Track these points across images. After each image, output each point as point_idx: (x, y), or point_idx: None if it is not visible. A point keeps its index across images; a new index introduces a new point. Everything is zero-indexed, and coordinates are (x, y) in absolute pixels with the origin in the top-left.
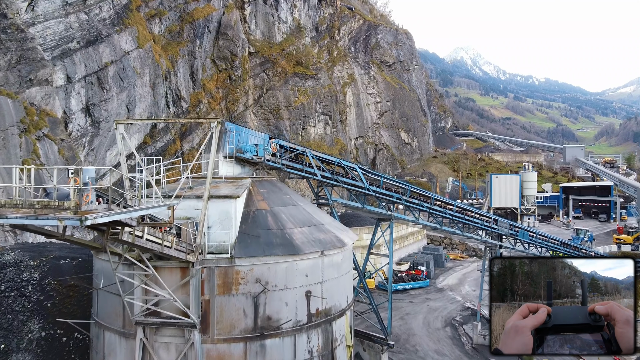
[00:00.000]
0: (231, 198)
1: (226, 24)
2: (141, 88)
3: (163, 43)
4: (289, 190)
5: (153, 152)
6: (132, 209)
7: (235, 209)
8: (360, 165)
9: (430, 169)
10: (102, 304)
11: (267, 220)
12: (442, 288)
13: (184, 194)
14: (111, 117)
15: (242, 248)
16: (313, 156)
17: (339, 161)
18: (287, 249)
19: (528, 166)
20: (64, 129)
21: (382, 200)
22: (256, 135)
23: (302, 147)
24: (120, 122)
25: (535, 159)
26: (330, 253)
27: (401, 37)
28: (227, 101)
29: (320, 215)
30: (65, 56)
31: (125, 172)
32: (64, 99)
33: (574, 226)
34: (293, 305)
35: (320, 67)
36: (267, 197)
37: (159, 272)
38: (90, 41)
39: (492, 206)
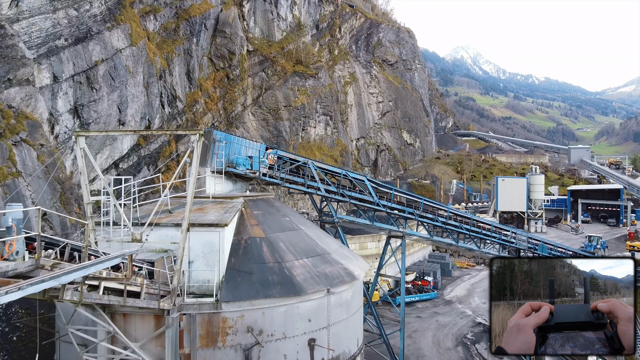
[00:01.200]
0: (217, 227)
1: (224, 21)
2: (134, 88)
3: (158, 41)
4: (288, 210)
5: (147, 154)
6: (61, 273)
7: (222, 240)
8: (368, 178)
9: (433, 171)
10: (64, 354)
11: (262, 251)
12: (450, 300)
13: (157, 220)
14: (101, 119)
15: (230, 289)
16: (316, 168)
17: (345, 173)
18: (286, 289)
19: (535, 169)
20: (50, 132)
21: (393, 216)
22: (250, 146)
23: (303, 157)
24: (80, 135)
25: (540, 160)
26: (338, 290)
27: (403, 35)
28: (225, 101)
29: (326, 240)
30: (51, 54)
31: (86, 196)
32: (49, 100)
33: (582, 230)
34: (293, 358)
35: (320, 66)
36: (262, 220)
37: (127, 320)
38: (79, 38)
39: (498, 210)
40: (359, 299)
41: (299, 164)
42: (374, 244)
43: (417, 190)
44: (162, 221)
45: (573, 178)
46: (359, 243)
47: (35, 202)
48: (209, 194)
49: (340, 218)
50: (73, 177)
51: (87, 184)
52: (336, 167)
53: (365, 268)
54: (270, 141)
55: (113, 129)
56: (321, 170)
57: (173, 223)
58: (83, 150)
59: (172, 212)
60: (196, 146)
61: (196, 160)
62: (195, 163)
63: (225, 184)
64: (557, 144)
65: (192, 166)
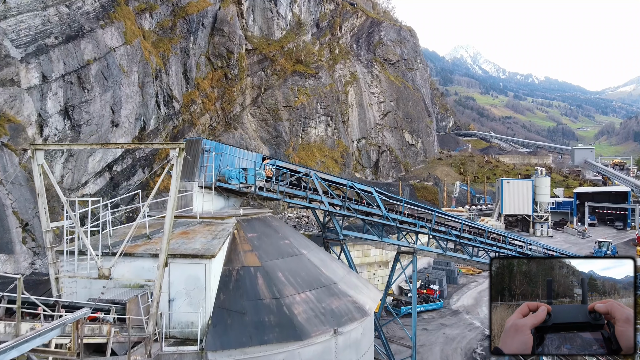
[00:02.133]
0: (203, 258)
1: (222, 20)
2: (128, 88)
3: (154, 39)
4: (287, 231)
5: (142, 156)
6: None
7: (209, 274)
8: (377, 189)
9: (435, 172)
10: None
11: (257, 284)
12: (457, 310)
13: (131, 249)
14: (93, 120)
15: (218, 334)
16: (319, 179)
17: (351, 184)
18: (285, 332)
19: (541, 171)
20: (39, 134)
21: (403, 230)
22: (245, 157)
23: (304, 168)
24: (38, 148)
25: (543, 161)
26: (346, 330)
27: (405, 34)
28: (223, 101)
29: (331, 267)
30: (41, 53)
31: (45, 222)
32: (38, 101)
33: (590, 234)
34: None
35: (321, 65)
36: (257, 245)
37: None
38: (70, 37)
39: (503, 213)
40: (370, 336)
41: (300, 175)
42: (377, 251)
43: (419, 192)
44: (138, 250)
45: (578, 179)
46: (362, 250)
47: (15, 212)
48: (196, 213)
49: (346, 235)
50: (63, 180)
51: (46, 207)
52: (341, 177)
53: (377, 298)
54: (270, 142)
55: (106, 130)
56: (325, 182)
57: (150, 253)
58: (42, 166)
59: (151, 237)
60: (176, 163)
61: (176, 179)
62: (174, 183)
63: (215, 200)
64: (557, 144)
65: (172, 187)
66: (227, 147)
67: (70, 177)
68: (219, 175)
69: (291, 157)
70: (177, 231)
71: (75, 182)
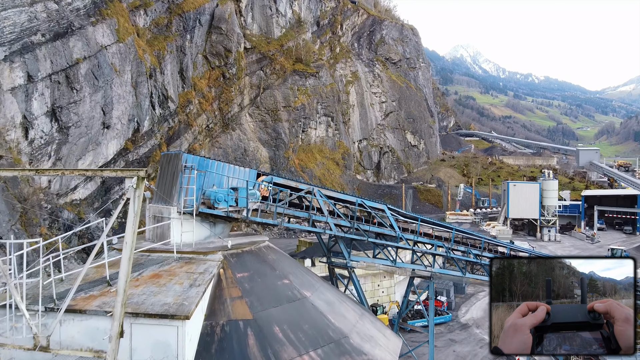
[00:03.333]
0: (174, 319)
1: (220, 17)
2: (120, 87)
3: (149, 37)
4: (286, 266)
5: (135, 159)
6: None
7: (182, 339)
8: (389, 206)
9: (438, 174)
10: None
11: (247, 344)
12: (466, 324)
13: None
14: (83, 122)
15: None
16: (324, 197)
17: (361, 201)
18: None
19: (548, 173)
20: (24, 137)
21: (417, 252)
22: (235, 174)
23: (307, 184)
24: None
25: (548, 162)
26: None
27: (407, 32)
28: (220, 101)
29: (340, 310)
30: (26, 51)
31: None
32: (23, 102)
33: (599, 239)
34: None
35: (321, 64)
36: (249, 289)
37: None
38: (58, 34)
39: (509, 217)
40: None
41: (302, 193)
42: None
43: (422, 195)
44: (90, 306)
45: (584, 181)
46: None
47: None
48: (173, 245)
49: (355, 261)
50: (51, 185)
51: None
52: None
53: (397, 350)
54: (269, 144)
55: (96, 132)
56: (330, 201)
57: (106, 310)
58: None
59: (112, 284)
60: (133, 198)
61: (133, 220)
62: (131, 225)
63: (198, 228)
64: (557, 144)
65: (127, 229)
66: (214, 164)
67: (59, 182)
68: (204, 198)
69: (291, 159)
70: (146, 273)
71: (63, 187)
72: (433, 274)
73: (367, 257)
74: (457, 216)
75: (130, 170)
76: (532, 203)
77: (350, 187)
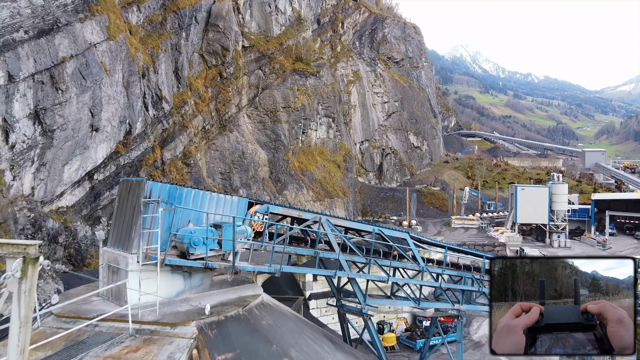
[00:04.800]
0: None
1: (217, 14)
2: (110, 88)
3: (142, 35)
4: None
5: (127, 162)
6: None
7: None
8: (412, 234)
9: (442, 176)
10: None
11: None
12: (479, 342)
13: None
14: (69, 124)
15: None
16: (332, 226)
17: (378, 230)
18: None
19: (558, 176)
20: (4, 141)
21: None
22: (219, 204)
23: (312, 213)
24: None
25: (554, 164)
26: None
27: (409, 31)
28: (217, 102)
29: None
30: (7, 49)
31: None
32: (3, 103)
33: (610, 245)
34: None
35: (322, 63)
36: None
37: None
38: (43, 31)
39: (518, 222)
40: None
41: (308, 223)
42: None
43: (426, 199)
44: None
45: (591, 184)
46: None
47: None
48: (129, 311)
49: (372, 306)
50: (35, 192)
51: None
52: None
53: None
54: (268, 146)
55: (84, 135)
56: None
57: None
58: None
59: None
60: (18, 293)
61: (17, 324)
62: (15, 341)
63: (167, 282)
64: (557, 144)
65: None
66: (189, 194)
67: (43, 189)
68: (175, 240)
69: (290, 162)
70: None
71: (49, 193)
72: (463, 313)
73: (385, 299)
74: (463, 221)
75: (18, 244)
76: (541, 208)
77: (352, 190)
